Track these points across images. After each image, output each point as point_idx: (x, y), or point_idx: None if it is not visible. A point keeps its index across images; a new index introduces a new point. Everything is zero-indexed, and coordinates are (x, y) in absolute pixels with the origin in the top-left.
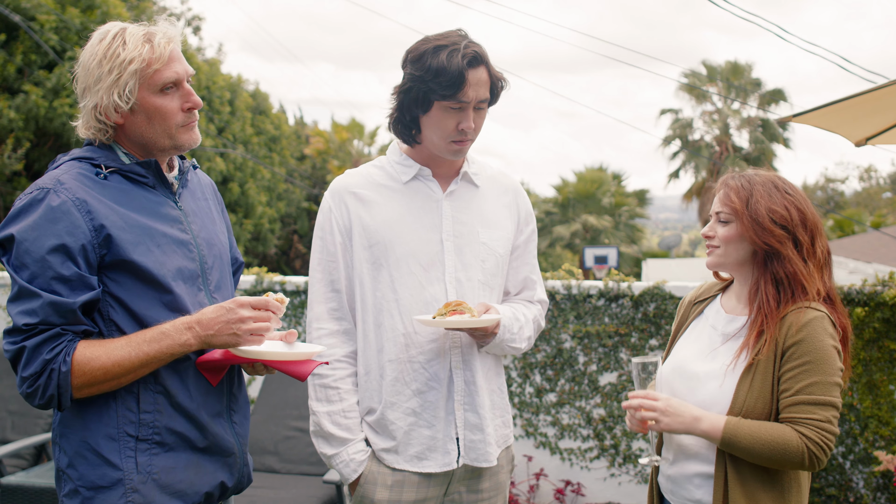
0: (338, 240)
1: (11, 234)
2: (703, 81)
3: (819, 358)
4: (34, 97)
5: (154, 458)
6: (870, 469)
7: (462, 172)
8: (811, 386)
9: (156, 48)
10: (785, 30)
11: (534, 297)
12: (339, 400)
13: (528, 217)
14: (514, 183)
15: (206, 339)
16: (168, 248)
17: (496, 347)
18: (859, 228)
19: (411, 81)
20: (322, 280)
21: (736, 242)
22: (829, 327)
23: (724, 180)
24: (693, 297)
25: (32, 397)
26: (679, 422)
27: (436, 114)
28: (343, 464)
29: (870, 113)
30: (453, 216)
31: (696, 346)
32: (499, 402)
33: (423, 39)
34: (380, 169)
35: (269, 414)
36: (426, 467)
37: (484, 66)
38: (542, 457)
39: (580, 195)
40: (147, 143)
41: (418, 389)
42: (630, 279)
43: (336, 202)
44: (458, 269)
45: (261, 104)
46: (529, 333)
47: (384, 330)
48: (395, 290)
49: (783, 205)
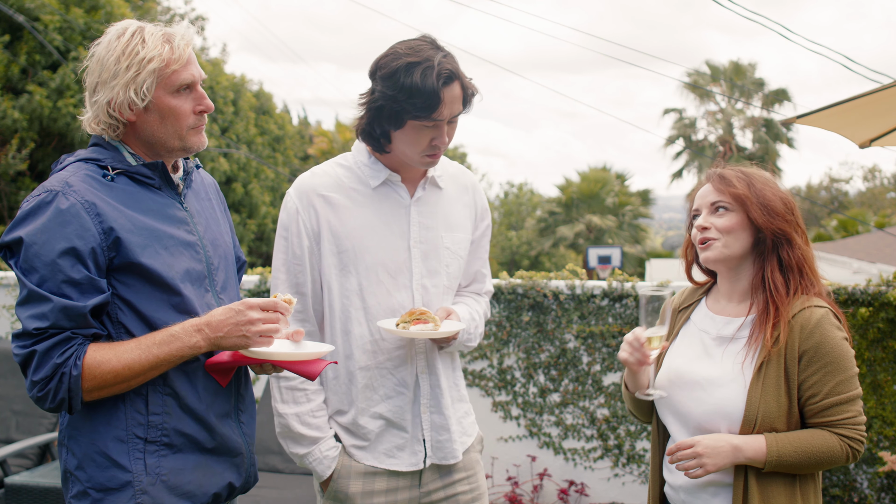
0: (305, 243)
1: (20, 237)
2: (707, 81)
3: (837, 357)
4: (38, 97)
5: (163, 460)
6: (874, 469)
7: (428, 177)
8: (837, 385)
9: (175, 49)
10: (789, 29)
11: (482, 289)
12: (307, 401)
13: (483, 213)
14: (472, 180)
15: (215, 341)
16: (175, 249)
17: (455, 347)
18: (863, 228)
19: (383, 99)
20: (286, 282)
21: (738, 231)
22: (835, 321)
23: (714, 171)
24: (677, 304)
25: (43, 401)
26: (723, 458)
27: (409, 131)
28: (316, 461)
29: (874, 114)
30: (420, 222)
31: (690, 352)
32: (457, 395)
33: (393, 53)
34: (347, 170)
35: (273, 414)
36: (394, 465)
37: (458, 80)
38: (545, 457)
39: (584, 195)
40: (157, 143)
41: (386, 394)
42: (634, 279)
43: (304, 204)
44: (423, 275)
45: (264, 104)
46: (482, 329)
47: (353, 337)
48: (363, 297)
49: (784, 192)
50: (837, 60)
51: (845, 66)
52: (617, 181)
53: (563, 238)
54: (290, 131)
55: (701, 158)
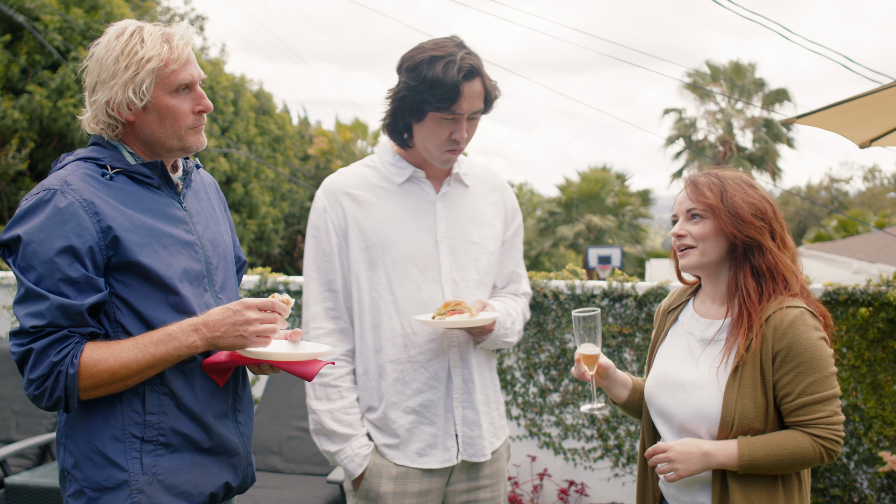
0: (333, 240)
1: (18, 236)
2: (707, 81)
3: (811, 356)
4: (38, 97)
5: (159, 460)
6: (874, 469)
7: (453, 174)
8: (811, 385)
9: (174, 49)
10: (788, 29)
11: (519, 290)
12: (340, 398)
13: (514, 213)
14: (501, 180)
15: (212, 341)
16: (174, 249)
17: (491, 343)
18: (863, 228)
19: (406, 90)
20: (318, 280)
21: (713, 239)
22: (812, 320)
23: (690, 178)
24: (667, 305)
25: (39, 399)
26: (693, 464)
27: (429, 123)
28: (348, 459)
29: (874, 115)
30: (447, 217)
31: (677, 354)
32: (492, 395)
33: (419, 48)
34: (373, 169)
35: (272, 414)
36: (427, 463)
37: (479, 77)
38: (545, 457)
39: (584, 195)
40: (155, 143)
41: (418, 389)
42: (634, 279)
43: (331, 202)
44: (453, 269)
45: (264, 104)
46: (519, 327)
47: (382, 331)
48: (392, 291)
49: (757, 197)
50: (837, 60)
51: (845, 66)
52: (617, 181)
53: (563, 238)
54: (290, 131)
55: (701, 158)
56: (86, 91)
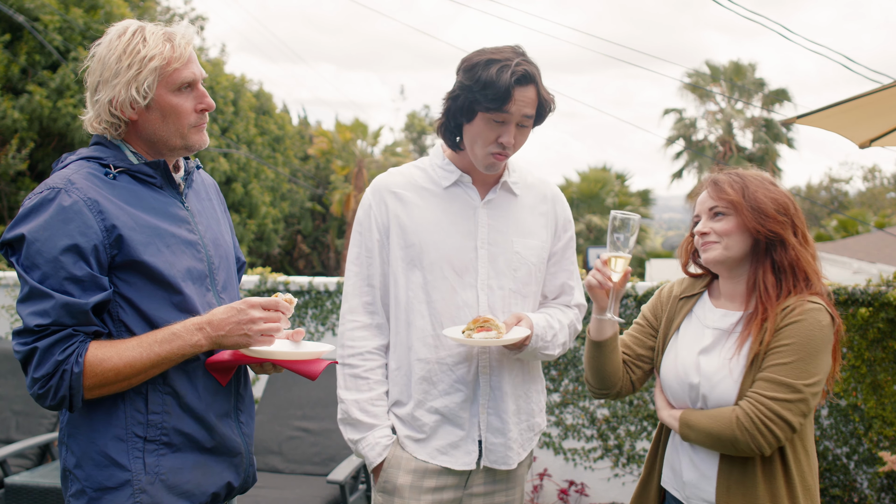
0: (375, 237)
1: (22, 234)
2: (707, 81)
3: (804, 342)
4: (38, 97)
5: (162, 459)
6: (874, 469)
7: (502, 181)
8: (782, 367)
9: (176, 47)
10: (788, 29)
11: (571, 301)
12: (369, 389)
13: (566, 224)
14: (554, 190)
15: (217, 340)
16: (177, 248)
17: (529, 355)
18: (863, 228)
19: (460, 90)
20: (358, 274)
21: (736, 234)
22: (827, 318)
23: (710, 178)
24: (679, 292)
25: (44, 398)
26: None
27: (478, 124)
28: (368, 447)
29: (873, 115)
30: (489, 224)
31: (694, 344)
32: (525, 407)
33: (480, 51)
34: (422, 171)
35: (273, 414)
36: (446, 462)
37: (533, 85)
38: (545, 457)
39: (584, 195)
40: (158, 142)
41: (444, 390)
42: (634, 279)
43: (377, 200)
44: (490, 276)
45: (264, 104)
46: (564, 339)
47: (414, 329)
48: (427, 291)
49: (778, 193)
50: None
51: (845, 66)
52: (617, 181)
53: None
54: (290, 131)
55: (701, 159)
56: (87, 91)
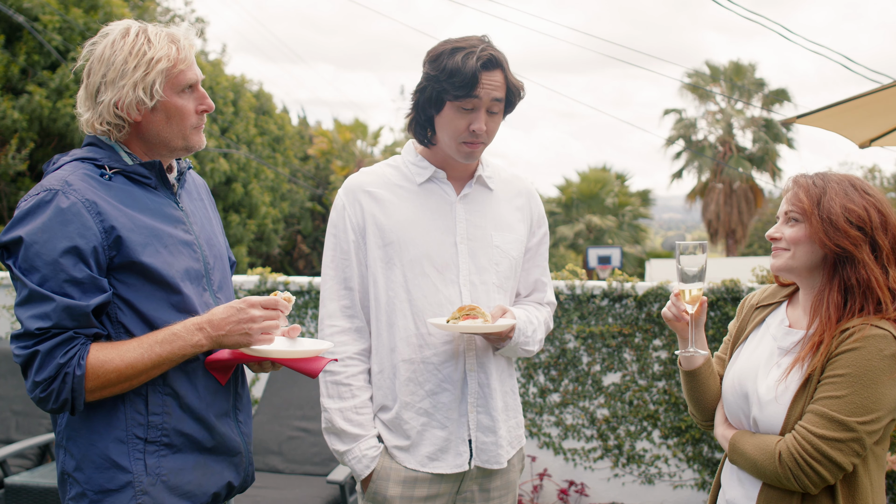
0: (351, 238)
1: (20, 237)
2: (707, 81)
3: (861, 374)
4: (38, 98)
5: (163, 460)
6: None
7: (476, 175)
8: (834, 400)
9: (181, 49)
10: (788, 29)
11: (544, 298)
12: (352, 396)
13: (540, 220)
14: (528, 186)
15: (217, 340)
16: (175, 248)
17: (510, 350)
18: None
19: (426, 81)
20: (335, 277)
21: (805, 244)
22: (891, 348)
23: (794, 178)
24: (757, 300)
25: (46, 402)
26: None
27: (448, 114)
28: (355, 460)
29: (873, 114)
30: (467, 219)
31: (756, 357)
32: (511, 403)
33: (444, 41)
34: (395, 169)
35: (272, 414)
36: (437, 468)
37: (500, 69)
38: (545, 457)
39: (584, 195)
40: (160, 143)
41: (431, 390)
42: (634, 279)
43: (350, 200)
44: (472, 272)
45: (264, 104)
46: (541, 336)
47: (397, 330)
48: (408, 290)
49: (861, 204)
50: (836, 60)
51: (844, 66)
52: (617, 181)
53: (563, 238)
54: (290, 131)
55: (701, 159)
56: (86, 91)
